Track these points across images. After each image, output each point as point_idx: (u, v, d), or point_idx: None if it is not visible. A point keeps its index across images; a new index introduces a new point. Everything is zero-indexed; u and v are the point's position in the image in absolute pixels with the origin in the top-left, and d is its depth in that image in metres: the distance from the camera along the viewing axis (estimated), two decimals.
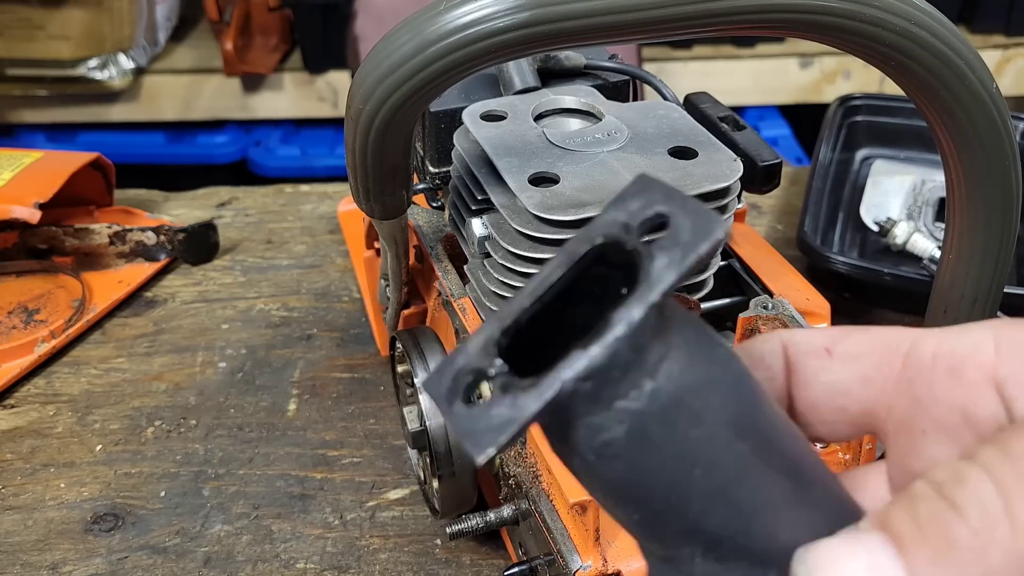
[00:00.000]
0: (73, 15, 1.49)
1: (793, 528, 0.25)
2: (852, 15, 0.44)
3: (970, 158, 0.50)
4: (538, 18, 0.42)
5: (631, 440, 0.23)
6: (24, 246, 0.86)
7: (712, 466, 0.24)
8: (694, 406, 0.24)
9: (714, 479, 0.24)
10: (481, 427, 0.22)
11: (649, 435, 0.23)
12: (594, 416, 0.23)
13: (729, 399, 0.24)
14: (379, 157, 0.48)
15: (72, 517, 0.63)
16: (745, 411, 0.25)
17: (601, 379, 0.22)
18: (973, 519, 0.22)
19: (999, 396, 0.26)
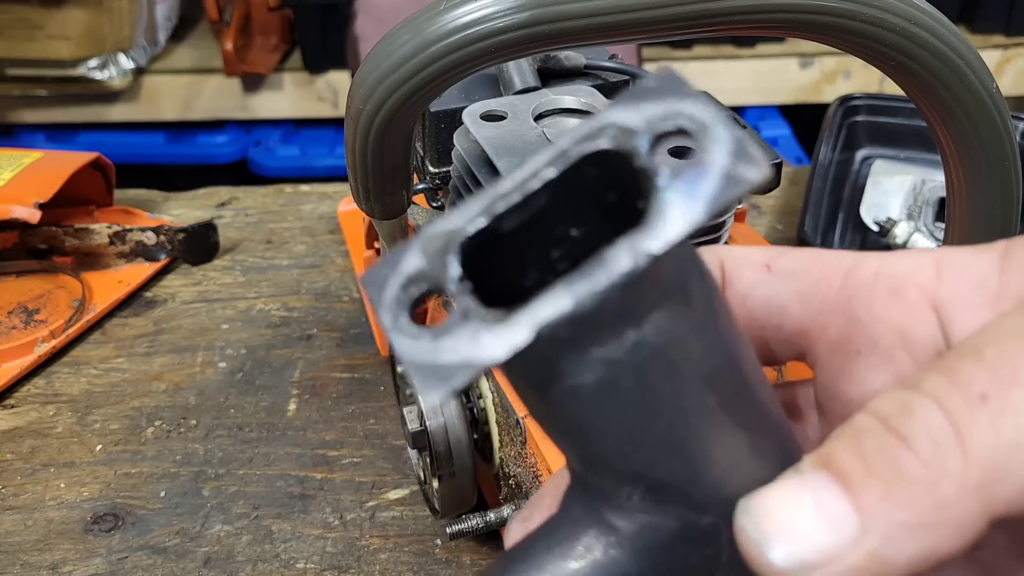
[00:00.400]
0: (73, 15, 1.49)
1: (740, 477, 0.23)
2: (852, 15, 0.44)
3: (970, 158, 0.50)
4: (538, 18, 0.42)
5: (598, 389, 0.21)
6: (24, 246, 0.86)
7: (676, 419, 0.22)
8: (674, 359, 0.21)
9: (674, 432, 0.22)
10: (431, 360, 0.19)
11: (619, 386, 0.21)
12: (563, 361, 0.21)
13: (711, 350, 0.22)
14: (379, 157, 0.48)
15: (72, 517, 0.63)
16: (723, 363, 0.23)
17: (582, 326, 0.19)
18: (923, 451, 0.21)
19: (937, 318, 0.25)
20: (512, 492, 0.52)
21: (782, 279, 0.28)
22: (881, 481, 0.21)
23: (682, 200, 0.19)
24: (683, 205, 0.19)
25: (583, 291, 0.19)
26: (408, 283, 0.20)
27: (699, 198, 0.19)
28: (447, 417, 0.53)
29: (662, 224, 0.19)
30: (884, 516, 0.20)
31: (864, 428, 0.22)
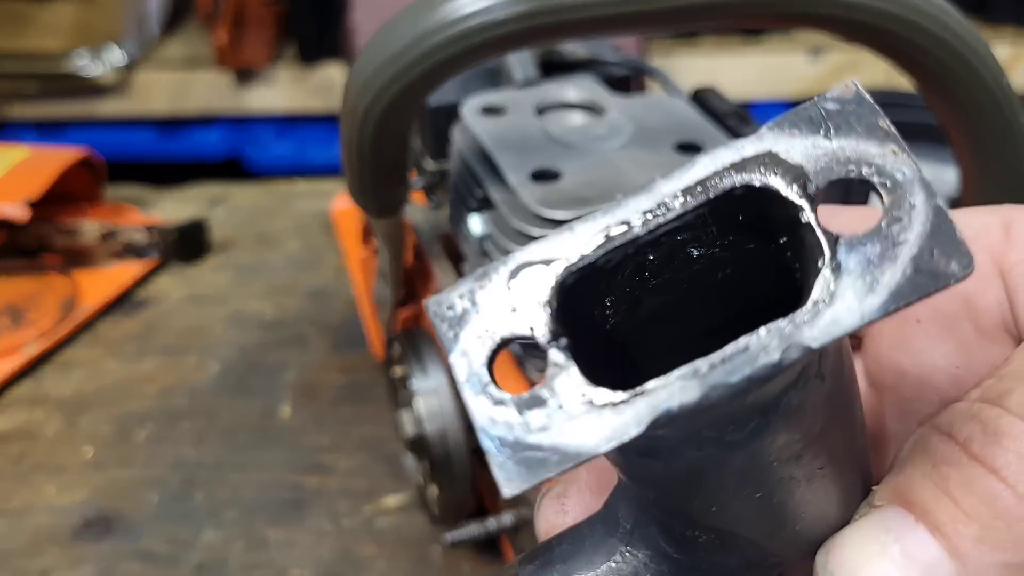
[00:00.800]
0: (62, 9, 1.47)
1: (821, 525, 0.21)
2: (861, 7, 0.43)
3: (982, 152, 0.49)
4: (539, 9, 0.40)
5: (702, 465, 0.18)
6: (13, 245, 0.85)
7: (776, 491, 0.19)
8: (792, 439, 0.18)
9: (770, 501, 0.20)
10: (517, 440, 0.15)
11: (728, 465, 0.18)
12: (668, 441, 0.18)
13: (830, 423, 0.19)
14: (376, 152, 0.46)
15: (62, 523, 0.62)
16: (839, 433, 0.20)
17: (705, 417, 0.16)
18: (1020, 483, 0.18)
19: (1004, 285, 0.23)
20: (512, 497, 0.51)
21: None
22: (976, 522, 0.19)
23: (857, 285, 0.15)
24: (857, 293, 0.15)
25: (716, 381, 0.15)
26: (491, 326, 0.16)
27: (880, 289, 0.15)
28: (445, 422, 0.51)
29: (826, 315, 0.15)
30: (984, 559, 0.18)
31: (942, 455, 0.19)
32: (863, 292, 0.15)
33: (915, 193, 0.15)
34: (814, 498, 0.20)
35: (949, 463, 0.19)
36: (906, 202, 0.15)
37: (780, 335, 0.15)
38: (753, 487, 0.19)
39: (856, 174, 0.16)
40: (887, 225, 0.15)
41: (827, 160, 0.16)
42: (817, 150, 0.16)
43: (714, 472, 0.18)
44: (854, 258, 0.15)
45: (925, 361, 0.24)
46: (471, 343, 0.16)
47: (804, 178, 0.16)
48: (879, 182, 0.15)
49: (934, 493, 0.19)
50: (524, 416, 0.15)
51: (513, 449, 0.15)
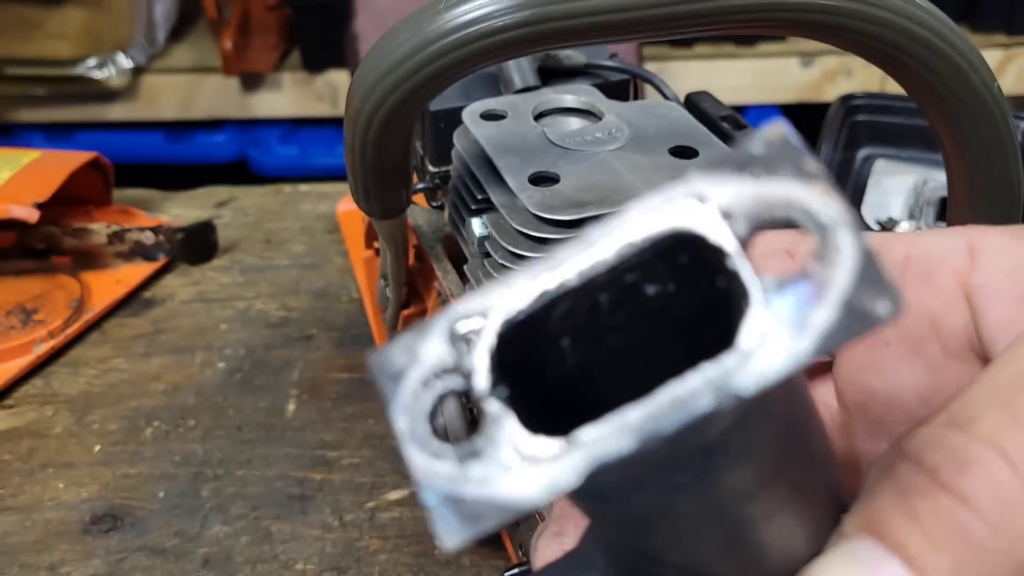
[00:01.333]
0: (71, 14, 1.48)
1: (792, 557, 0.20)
2: (853, 14, 0.44)
3: (972, 158, 0.50)
4: (538, 17, 0.42)
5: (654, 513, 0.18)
6: (22, 246, 0.86)
7: (736, 532, 0.19)
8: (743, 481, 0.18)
9: (732, 542, 0.19)
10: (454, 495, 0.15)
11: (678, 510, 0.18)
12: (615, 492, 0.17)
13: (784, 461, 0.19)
14: (378, 156, 0.47)
15: (70, 518, 0.63)
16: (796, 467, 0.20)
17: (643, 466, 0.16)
18: (990, 513, 0.18)
19: (969, 306, 0.23)
20: None
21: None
22: (948, 553, 0.18)
23: (786, 329, 0.15)
24: (787, 337, 0.15)
25: (650, 431, 0.15)
26: (430, 378, 0.16)
27: (809, 331, 0.15)
28: (446, 418, 0.52)
29: (757, 359, 0.15)
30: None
31: (911, 485, 0.19)
32: (793, 336, 0.15)
33: (841, 235, 0.15)
34: (780, 534, 0.20)
35: (919, 492, 0.19)
36: (833, 244, 0.15)
37: (710, 383, 0.15)
38: (711, 528, 0.19)
39: (782, 216, 0.16)
40: (815, 267, 0.15)
41: (754, 203, 0.16)
42: (744, 194, 0.16)
43: (665, 515, 0.18)
44: (783, 301, 0.15)
45: (894, 382, 0.25)
46: (410, 397, 0.16)
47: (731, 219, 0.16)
48: (805, 224, 0.15)
49: (904, 523, 0.19)
50: (463, 469, 0.15)
51: (453, 503, 0.15)
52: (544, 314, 0.17)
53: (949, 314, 0.24)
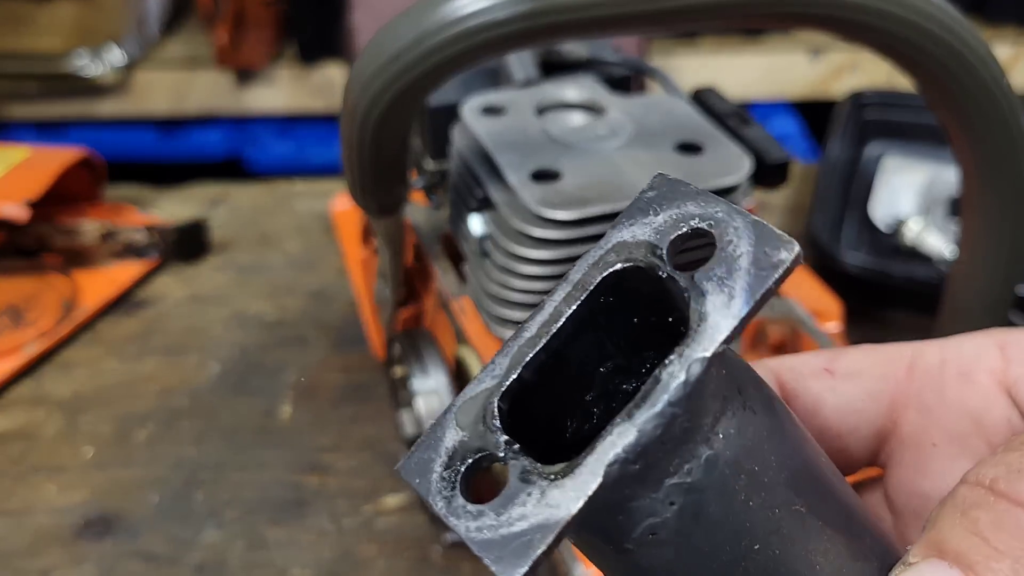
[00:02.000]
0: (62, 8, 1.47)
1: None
2: (864, 9, 0.43)
3: (982, 154, 0.49)
4: (539, 10, 0.40)
5: (682, 521, 0.19)
6: (13, 245, 0.84)
7: (771, 536, 0.20)
8: (753, 469, 0.20)
9: (771, 551, 0.20)
10: (503, 536, 0.17)
11: (704, 512, 0.19)
12: (639, 501, 0.19)
13: (786, 454, 0.21)
14: (376, 152, 0.46)
15: (62, 522, 0.62)
16: (802, 465, 0.21)
17: (651, 456, 0.18)
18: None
19: (1010, 400, 0.25)
20: None
21: (848, 380, 0.27)
22: (1008, 556, 0.19)
23: (720, 299, 0.18)
24: (722, 304, 0.18)
25: (644, 417, 0.18)
26: (452, 460, 0.19)
27: (737, 293, 0.18)
28: None
29: (706, 329, 0.18)
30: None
31: (971, 501, 0.20)
32: (726, 302, 0.18)
33: (734, 219, 0.19)
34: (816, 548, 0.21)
35: (978, 506, 0.20)
36: (730, 228, 0.19)
37: (679, 360, 0.18)
38: (744, 537, 0.20)
39: (688, 227, 0.19)
40: (723, 250, 0.19)
41: (663, 228, 0.19)
42: (653, 226, 0.19)
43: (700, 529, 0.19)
44: (710, 284, 0.18)
45: (945, 483, 0.25)
46: (440, 482, 0.18)
47: (652, 247, 0.19)
48: (706, 225, 0.19)
49: (965, 536, 0.20)
50: (503, 515, 0.17)
51: (502, 545, 0.17)
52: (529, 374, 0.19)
53: (990, 410, 0.25)
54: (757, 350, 0.53)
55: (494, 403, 0.19)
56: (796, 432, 0.22)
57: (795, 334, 0.51)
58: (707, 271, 0.18)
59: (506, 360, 0.19)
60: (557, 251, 0.47)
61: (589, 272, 0.20)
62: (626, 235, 0.20)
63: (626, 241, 0.20)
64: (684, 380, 0.18)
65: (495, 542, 0.17)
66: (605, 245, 0.20)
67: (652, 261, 0.19)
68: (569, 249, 0.47)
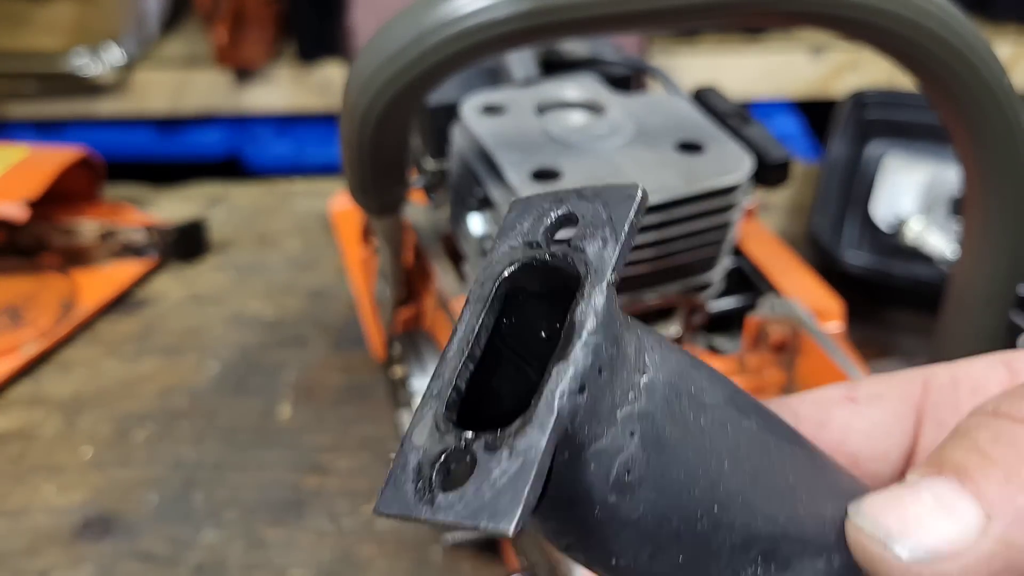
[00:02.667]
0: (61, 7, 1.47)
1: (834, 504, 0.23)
2: (864, 6, 0.43)
3: (984, 153, 0.49)
4: (539, 8, 0.40)
5: (647, 450, 0.20)
6: (12, 244, 0.84)
7: (735, 452, 0.22)
8: (690, 390, 0.21)
9: (743, 467, 0.22)
10: (490, 497, 0.18)
11: (663, 436, 0.21)
12: (601, 439, 0.20)
13: (713, 379, 0.23)
14: (376, 151, 0.46)
15: (61, 523, 0.62)
16: (732, 389, 0.23)
17: (594, 386, 0.19)
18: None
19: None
20: None
21: (872, 404, 0.28)
22: (1000, 467, 0.21)
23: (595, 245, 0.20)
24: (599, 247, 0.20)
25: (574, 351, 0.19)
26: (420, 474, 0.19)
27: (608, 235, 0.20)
28: None
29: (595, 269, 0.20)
30: (1009, 501, 0.20)
31: (972, 424, 0.22)
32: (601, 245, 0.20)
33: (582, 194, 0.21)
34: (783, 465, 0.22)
35: (979, 427, 0.21)
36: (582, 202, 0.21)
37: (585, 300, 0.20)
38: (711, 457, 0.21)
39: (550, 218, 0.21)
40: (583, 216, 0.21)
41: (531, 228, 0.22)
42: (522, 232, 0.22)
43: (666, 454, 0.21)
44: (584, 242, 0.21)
45: None
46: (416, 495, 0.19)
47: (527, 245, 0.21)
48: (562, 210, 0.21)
49: (965, 452, 0.21)
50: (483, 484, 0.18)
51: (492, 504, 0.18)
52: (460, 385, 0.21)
53: None
54: (758, 350, 0.53)
55: (440, 412, 0.20)
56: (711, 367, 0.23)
57: (796, 334, 0.51)
58: (579, 237, 0.21)
59: (438, 383, 0.21)
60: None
61: (486, 286, 0.21)
62: (503, 249, 0.22)
63: (504, 252, 0.22)
64: (594, 309, 0.19)
65: (484, 506, 0.18)
66: (491, 261, 0.22)
67: (533, 254, 0.21)
68: None
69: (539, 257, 0.21)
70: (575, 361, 0.19)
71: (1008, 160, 0.49)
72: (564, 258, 0.21)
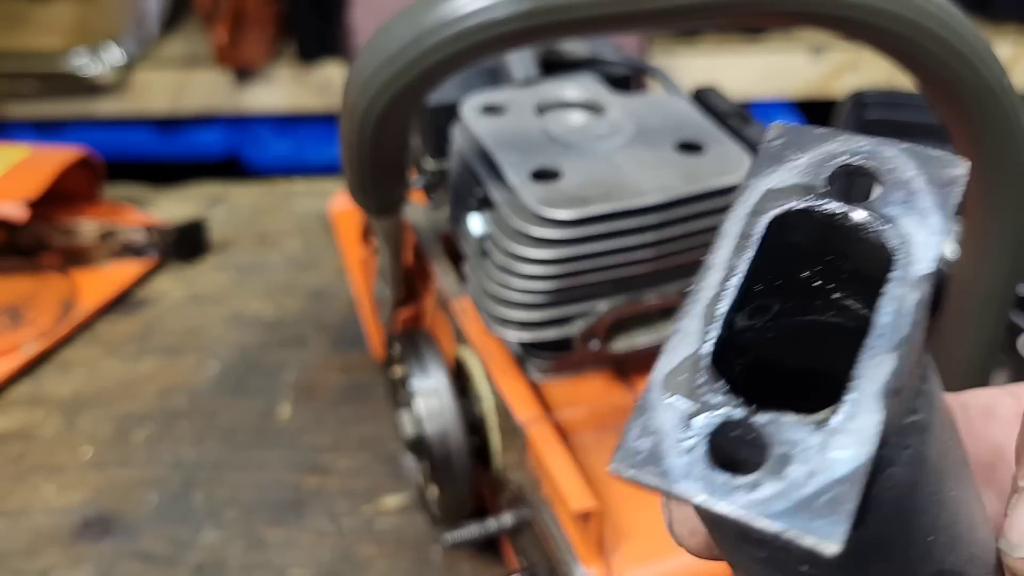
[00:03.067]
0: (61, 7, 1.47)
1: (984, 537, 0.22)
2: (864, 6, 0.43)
3: (983, 152, 0.49)
4: (539, 8, 0.40)
5: (910, 469, 0.18)
6: (12, 244, 0.84)
7: (956, 495, 0.20)
8: (944, 427, 0.19)
9: (958, 508, 0.20)
10: (799, 501, 0.14)
11: (926, 457, 0.18)
12: (884, 446, 0.17)
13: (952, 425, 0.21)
14: (376, 151, 0.46)
15: (61, 523, 0.62)
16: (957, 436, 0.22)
17: (905, 386, 0.17)
18: None
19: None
20: (513, 498, 0.51)
21: None
22: None
23: (913, 219, 0.17)
24: (917, 223, 0.17)
25: (896, 340, 0.16)
26: (684, 438, 0.15)
27: (929, 211, 0.17)
28: (445, 422, 0.51)
29: (914, 247, 0.17)
30: None
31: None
32: (920, 220, 0.17)
33: (886, 148, 0.18)
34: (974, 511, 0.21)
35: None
36: (886, 157, 0.17)
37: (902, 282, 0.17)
38: (941, 491, 0.19)
39: (839, 163, 0.18)
40: (891, 177, 0.17)
41: (811, 169, 0.18)
42: (798, 169, 0.18)
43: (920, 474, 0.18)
44: (894, 208, 0.17)
45: None
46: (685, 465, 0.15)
47: (805, 189, 0.18)
48: (859, 159, 0.18)
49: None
50: (783, 479, 0.15)
51: (802, 512, 0.14)
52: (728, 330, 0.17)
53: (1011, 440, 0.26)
54: None
55: (708, 363, 0.16)
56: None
57: None
58: (883, 199, 0.17)
59: (698, 320, 0.17)
60: (557, 251, 0.47)
61: (749, 222, 0.18)
62: (772, 183, 0.18)
63: (774, 188, 0.18)
64: (918, 299, 0.16)
65: (791, 511, 0.14)
66: (752, 195, 0.18)
67: (814, 203, 0.18)
68: (569, 249, 0.47)
69: (826, 209, 0.17)
70: (899, 355, 0.16)
71: (1008, 159, 0.49)
72: (855, 226, 0.17)
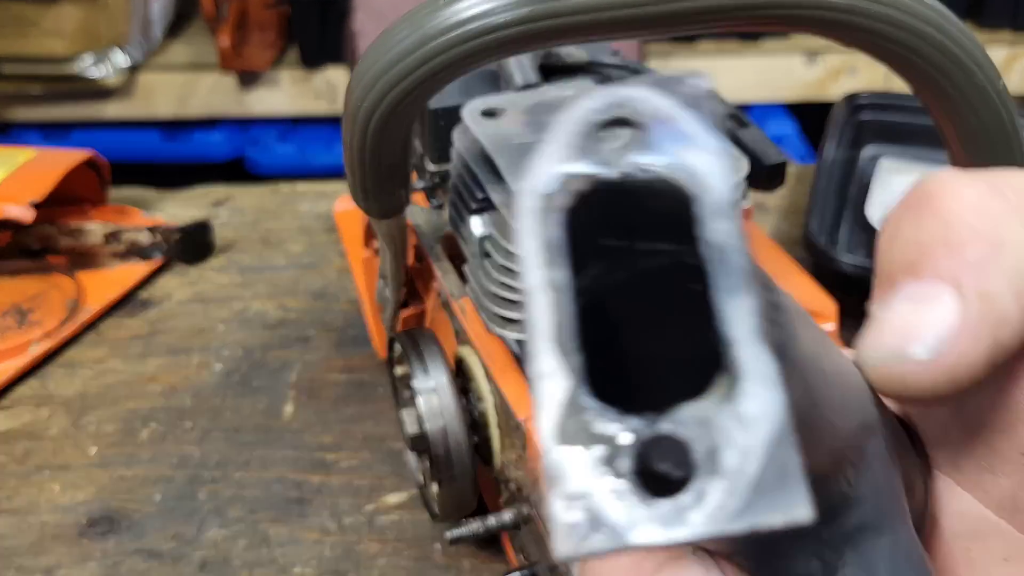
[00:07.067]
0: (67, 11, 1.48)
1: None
2: (859, 11, 0.44)
3: (977, 157, 0.49)
4: (539, 13, 0.41)
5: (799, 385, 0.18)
6: (18, 246, 0.85)
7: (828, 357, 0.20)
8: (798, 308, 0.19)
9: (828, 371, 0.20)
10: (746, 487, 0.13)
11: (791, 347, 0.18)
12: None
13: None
14: (378, 154, 0.47)
15: (67, 521, 0.62)
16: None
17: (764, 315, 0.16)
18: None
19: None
20: (513, 496, 0.51)
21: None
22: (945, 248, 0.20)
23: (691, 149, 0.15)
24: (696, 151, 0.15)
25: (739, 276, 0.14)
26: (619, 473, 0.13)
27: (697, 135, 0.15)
28: (446, 420, 0.52)
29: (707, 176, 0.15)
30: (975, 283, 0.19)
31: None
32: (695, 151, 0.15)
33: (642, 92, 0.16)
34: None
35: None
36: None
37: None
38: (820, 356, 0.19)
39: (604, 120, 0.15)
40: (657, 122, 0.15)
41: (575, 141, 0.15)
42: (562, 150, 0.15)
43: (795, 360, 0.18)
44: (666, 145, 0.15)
45: None
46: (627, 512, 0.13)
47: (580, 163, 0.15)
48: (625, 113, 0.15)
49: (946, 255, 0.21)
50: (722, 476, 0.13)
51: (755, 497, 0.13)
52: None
53: None
54: None
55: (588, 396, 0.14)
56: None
57: None
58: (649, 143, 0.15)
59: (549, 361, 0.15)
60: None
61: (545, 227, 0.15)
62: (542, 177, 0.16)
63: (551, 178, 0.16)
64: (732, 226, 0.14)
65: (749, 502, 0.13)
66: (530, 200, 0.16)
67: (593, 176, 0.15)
68: None
69: (607, 177, 0.15)
70: (752, 288, 0.14)
71: (1001, 164, 0.49)
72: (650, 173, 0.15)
